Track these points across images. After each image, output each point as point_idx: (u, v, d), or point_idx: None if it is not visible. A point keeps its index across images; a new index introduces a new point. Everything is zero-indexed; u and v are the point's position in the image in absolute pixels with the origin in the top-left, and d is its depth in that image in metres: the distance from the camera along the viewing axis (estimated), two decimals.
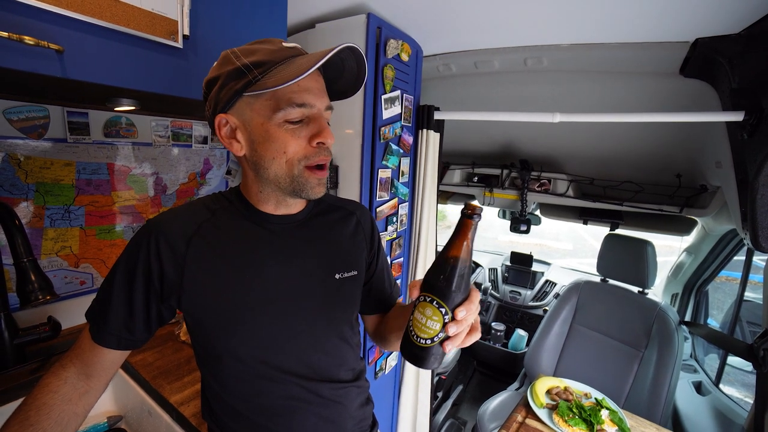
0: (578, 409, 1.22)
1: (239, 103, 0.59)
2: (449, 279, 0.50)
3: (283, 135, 0.57)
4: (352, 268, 0.73)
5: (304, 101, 0.57)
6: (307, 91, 0.57)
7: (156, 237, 0.60)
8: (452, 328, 0.50)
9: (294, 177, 0.59)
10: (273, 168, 0.59)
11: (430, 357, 0.52)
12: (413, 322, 0.53)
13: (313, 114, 0.59)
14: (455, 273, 0.50)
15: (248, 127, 0.59)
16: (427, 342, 0.51)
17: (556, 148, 1.96)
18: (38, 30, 0.63)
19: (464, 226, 0.50)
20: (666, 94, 1.37)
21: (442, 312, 0.50)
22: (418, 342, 0.52)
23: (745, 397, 1.97)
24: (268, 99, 0.57)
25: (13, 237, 0.84)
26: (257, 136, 0.59)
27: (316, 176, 0.60)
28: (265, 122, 0.57)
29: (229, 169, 1.63)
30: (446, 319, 0.50)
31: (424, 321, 0.51)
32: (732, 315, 1.97)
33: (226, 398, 0.65)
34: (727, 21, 1.00)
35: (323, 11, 1.26)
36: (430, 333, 0.51)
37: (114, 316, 0.60)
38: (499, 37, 1.35)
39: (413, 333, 0.53)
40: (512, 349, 2.70)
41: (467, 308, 0.50)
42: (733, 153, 1.15)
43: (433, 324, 0.50)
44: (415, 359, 0.54)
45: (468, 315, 0.50)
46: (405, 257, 1.53)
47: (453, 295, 0.50)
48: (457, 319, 0.50)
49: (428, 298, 0.51)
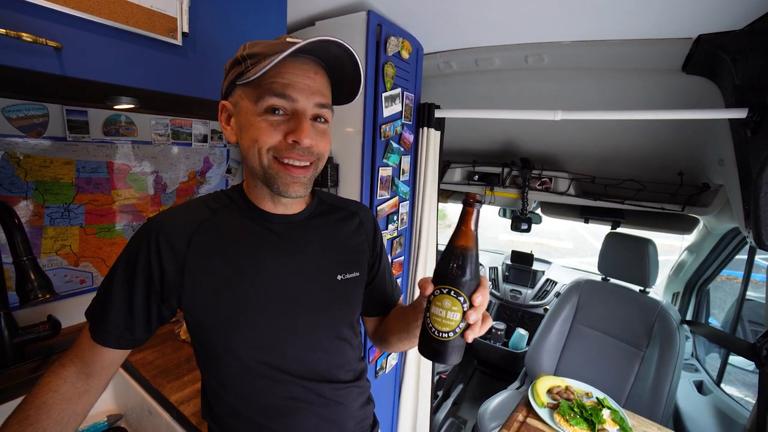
0: (579, 409, 1.21)
1: (235, 91, 0.61)
2: (462, 268, 0.51)
3: (259, 124, 0.57)
4: (354, 269, 0.72)
5: (285, 93, 0.56)
6: (291, 85, 0.57)
7: (156, 236, 0.59)
8: (473, 316, 0.51)
9: (264, 168, 0.59)
10: (249, 156, 0.60)
11: (453, 350, 0.53)
12: (431, 318, 0.53)
13: (297, 110, 0.58)
14: (466, 261, 0.51)
15: (238, 115, 0.61)
16: (450, 335, 0.52)
17: (557, 146, 1.95)
18: (36, 27, 0.63)
19: (467, 214, 0.52)
20: (668, 91, 1.36)
21: (461, 301, 0.51)
22: (440, 337, 0.52)
23: (746, 397, 1.97)
24: (255, 88, 0.58)
25: (12, 235, 0.84)
26: (242, 124, 0.60)
27: (288, 172, 0.59)
28: (249, 112, 0.59)
29: (229, 168, 1.63)
30: (465, 308, 0.51)
31: (444, 313, 0.51)
32: (734, 314, 1.96)
33: (227, 398, 0.65)
34: (731, 17, 0.99)
35: (323, 8, 1.26)
36: (452, 324, 0.51)
37: (114, 315, 0.60)
38: (499, 35, 1.34)
39: (433, 328, 0.53)
40: (513, 348, 2.70)
41: (482, 293, 0.52)
42: (737, 150, 1.14)
43: (453, 315, 0.51)
44: (436, 355, 0.54)
45: (484, 300, 0.52)
46: (406, 256, 1.52)
47: (468, 282, 0.51)
48: (476, 305, 0.51)
49: (445, 290, 0.52)
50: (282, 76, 0.56)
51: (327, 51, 0.58)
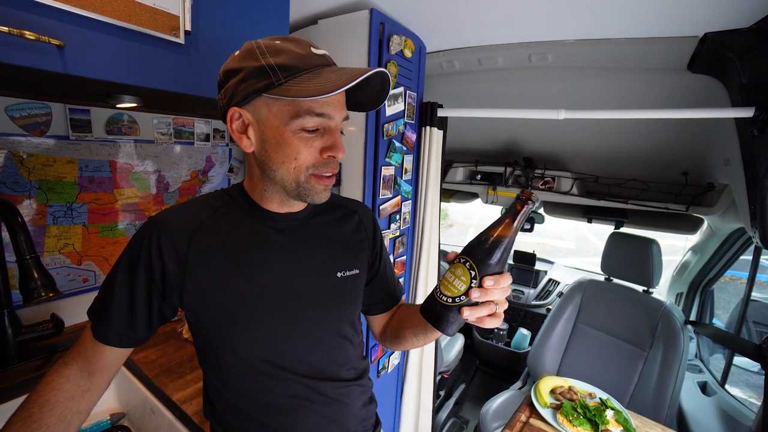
0: (583, 409, 1.21)
1: (257, 101, 0.57)
2: (487, 249, 0.52)
3: (297, 142, 0.57)
4: (354, 266, 0.73)
5: (324, 112, 0.57)
6: (329, 103, 0.57)
7: (158, 235, 0.59)
8: (475, 293, 0.52)
9: (300, 183, 0.60)
10: (281, 171, 0.59)
11: (448, 318, 0.55)
12: (442, 281, 0.55)
13: (330, 126, 0.59)
14: (495, 246, 0.52)
15: (262, 126, 0.58)
16: (448, 300, 0.54)
17: (561, 146, 1.94)
18: (39, 25, 0.63)
19: (515, 209, 0.53)
20: (673, 90, 1.35)
21: (471, 275, 0.52)
22: (439, 298, 0.55)
23: (750, 398, 1.95)
24: (288, 104, 0.56)
25: (15, 234, 0.84)
26: (270, 138, 0.58)
27: (322, 183, 0.60)
28: (280, 126, 0.57)
29: (231, 167, 1.63)
30: (473, 284, 0.52)
31: (452, 279, 0.53)
32: (738, 315, 1.95)
33: (228, 396, 0.65)
34: (737, 15, 0.98)
35: (326, 7, 1.25)
36: (454, 292, 0.53)
37: (116, 314, 0.60)
38: (503, 33, 1.33)
39: (438, 291, 0.55)
40: (515, 348, 2.69)
41: (496, 280, 0.52)
42: (743, 150, 1.13)
43: (459, 284, 0.53)
44: (431, 315, 0.56)
45: (495, 287, 0.52)
46: (408, 255, 1.52)
47: (487, 264, 0.52)
48: (483, 287, 0.51)
49: (462, 260, 0.54)
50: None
51: None
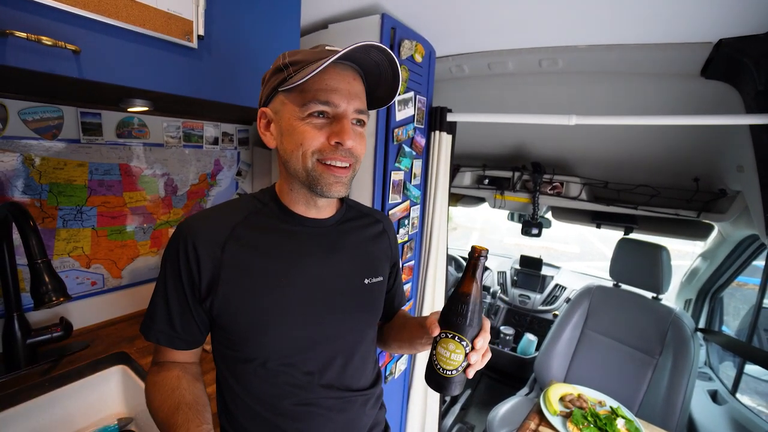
0: (593, 418, 1.19)
1: (276, 98, 0.62)
2: (466, 316, 0.57)
3: (303, 128, 0.59)
4: (379, 273, 0.74)
5: (328, 99, 0.58)
6: (335, 91, 0.58)
7: (193, 243, 0.60)
8: (474, 357, 0.57)
9: (308, 170, 0.60)
10: (292, 161, 0.61)
11: (455, 384, 0.60)
12: (437, 357, 0.60)
13: (338, 114, 0.59)
14: (470, 309, 0.57)
15: (279, 120, 0.62)
16: (452, 372, 0.59)
17: (569, 151, 1.93)
18: (55, 30, 0.63)
19: (473, 266, 0.58)
20: (685, 96, 1.34)
21: (464, 345, 0.57)
22: (444, 374, 0.59)
23: (758, 406, 1.92)
24: (297, 95, 0.59)
25: (27, 238, 0.83)
26: (284, 129, 0.61)
27: (331, 172, 0.60)
28: (291, 117, 0.60)
29: (240, 170, 1.63)
30: (467, 350, 0.58)
31: (448, 355, 0.58)
32: (750, 322, 1.92)
33: (247, 399, 0.64)
34: (753, 21, 0.97)
35: (337, 12, 1.25)
36: (455, 364, 0.58)
37: (178, 322, 0.64)
38: (513, 38, 1.33)
39: (438, 366, 0.60)
40: (521, 353, 2.67)
41: (483, 337, 0.58)
42: (758, 157, 1.12)
43: (456, 357, 0.58)
44: (440, 388, 0.61)
45: (484, 343, 0.58)
46: (416, 260, 1.51)
47: (471, 329, 0.58)
48: (476, 348, 0.58)
49: (449, 335, 0.58)
50: (325, 83, 0.58)
51: (367, 56, 0.60)
